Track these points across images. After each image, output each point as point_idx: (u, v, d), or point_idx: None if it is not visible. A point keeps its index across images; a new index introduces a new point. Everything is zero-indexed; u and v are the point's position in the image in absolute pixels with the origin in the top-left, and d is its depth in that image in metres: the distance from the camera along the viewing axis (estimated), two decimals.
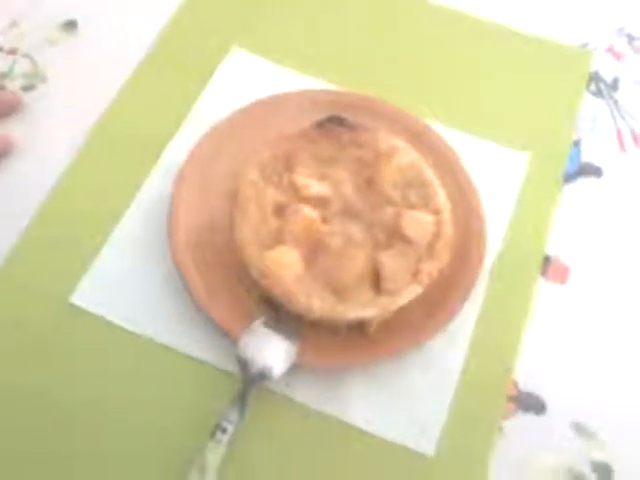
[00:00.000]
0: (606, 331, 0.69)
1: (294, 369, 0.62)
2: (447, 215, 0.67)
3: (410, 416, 0.63)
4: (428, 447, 0.62)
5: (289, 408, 0.63)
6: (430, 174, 0.69)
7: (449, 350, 0.66)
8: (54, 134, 0.75)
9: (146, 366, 0.64)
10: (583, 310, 0.70)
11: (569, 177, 0.77)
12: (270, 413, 0.62)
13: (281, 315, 0.64)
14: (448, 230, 0.66)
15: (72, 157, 0.73)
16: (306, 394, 0.63)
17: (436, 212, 0.66)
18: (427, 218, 0.66)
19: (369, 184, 0.68)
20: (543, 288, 0.71)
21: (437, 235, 0.65)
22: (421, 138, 0.74)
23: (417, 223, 0.65)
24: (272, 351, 0.62)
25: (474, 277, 0.67)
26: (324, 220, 0.66)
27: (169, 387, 0.63)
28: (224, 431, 0.59)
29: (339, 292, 0.63)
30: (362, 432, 0.62)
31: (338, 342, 0.64)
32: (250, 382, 0.61)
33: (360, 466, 0.61)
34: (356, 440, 0.62)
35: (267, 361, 0.62)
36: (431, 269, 0.64)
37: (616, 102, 0.83)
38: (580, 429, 0.64)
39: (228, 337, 0.64)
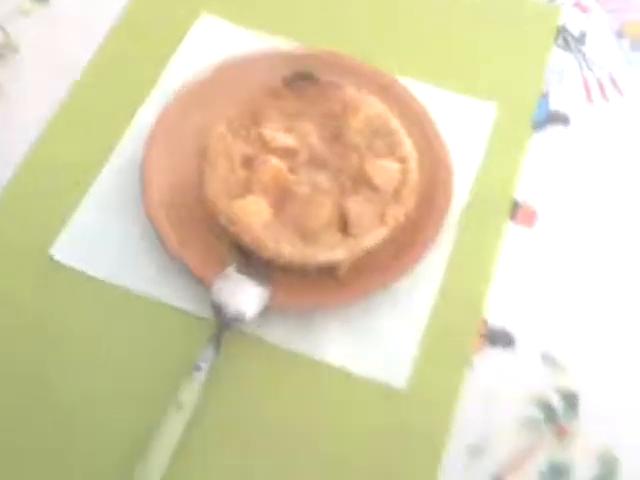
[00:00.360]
0: (570, 270, 0.71)
1: (266, 312, 0.65)
2: (413, 163, 0.69)
3: (381, 353, 0.65)
4: (399, 382, 0.64)
5: (262, 349, 0.65)
6: (396, 124, 0.71)
7: (418, 290, 0.68)
8: (27, 104, 0.76)
9: (126, 316, 0.66)
10: (549, 251, 0.72)
11: (537, 125, 0.79)
12: (244, 354, 0.64)
13: (252, 261, 0.66)
14: (414, 177, 0.68)
15: (47, 123, 0.75)
16: (278, 335, 0.65)
17: (402, 160, 0.68)
18: (393, 166, 0.68)
19: (336, 135, 0.70)
20: (512, 231, 0.72)
21: (403, 182, 0.67)
22: (389, 91, 0.75)
23: (383, 170, 0.67)
24: (244, 295, 0.64)
25: (441, 221, 0.69)
26: (291, 170, 0.68)
27: (148, 335, 0.66)
28: (199, 370, 0.61)
29: (307, 237, 0.65)
30: (334, 369, 0.64)
31: (308, 285, 0.66)
32: (224, 325, 0.63)
33: (332, 402, 0.63)
34: (328, 377, 0.64)
35: (240, 305, 0.64)
36: (397, 213, 0.66)
37: (584, 55, 0.85)
38: (548, 360, 0.66)
39: (202, 284, 0.66)
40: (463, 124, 0.77)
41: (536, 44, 0.85)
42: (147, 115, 0.75)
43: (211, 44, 0.80)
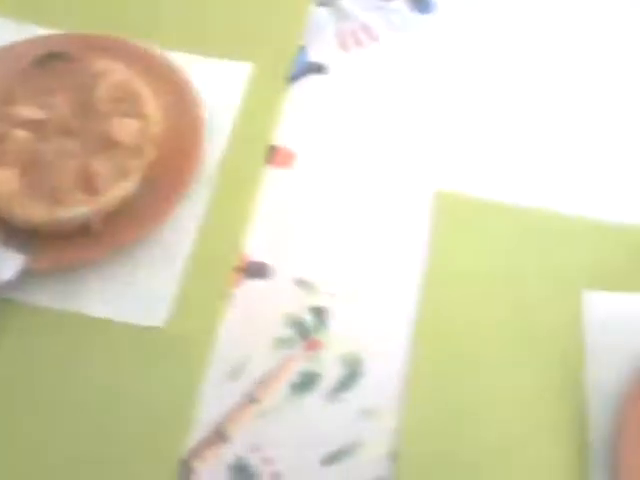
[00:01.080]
0: (322, 204, 0.76)
1: (31, 277, 0.68)
2: (154, 119, 0.73)
3: (141, 299, 0.69)
4: (158, 322, 0.68)
5: (28, 314, 0.68)
6: (141, 88, 0.75)
7: (176, 238, 0.72)
8: None
9: None
10: (306, 188, 0.77)
11: (296, 77, 0.84)
12: (10, 321, 0.67)
13: (10, 229, 0.69)
14: (154, 130, 0.72)
15: None
16: (44, 298, 0.69)
17: (144, 117, 0.73)
18: (134, 123, 0.72)
19: (86, 105, 0.74)
20: (270, 173, 0.77)
21: (144, 135, 0.72)
22: (142, 62, 0.79)
23: (124, 127, 0.72)
24: (4, 263, 0.68)
25: (193, 173, 0.73)
26: (41, 140, 0.71)
27: None
28: None
29: (56, 200, 0.69)
30: (98, 322, 0.68)
31: (69, 246, 0.70)
32: None
33: (100, 353, 0.67)
34: (95, 330, 0.68)
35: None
36: (137, 166, 0.70)
37: (339, 9, 0.91)
38: (301, 284, 0.71)
39: None
40: (220, 85, 0.82)
41: (292, 2, 0.90)
42: None
43: None
